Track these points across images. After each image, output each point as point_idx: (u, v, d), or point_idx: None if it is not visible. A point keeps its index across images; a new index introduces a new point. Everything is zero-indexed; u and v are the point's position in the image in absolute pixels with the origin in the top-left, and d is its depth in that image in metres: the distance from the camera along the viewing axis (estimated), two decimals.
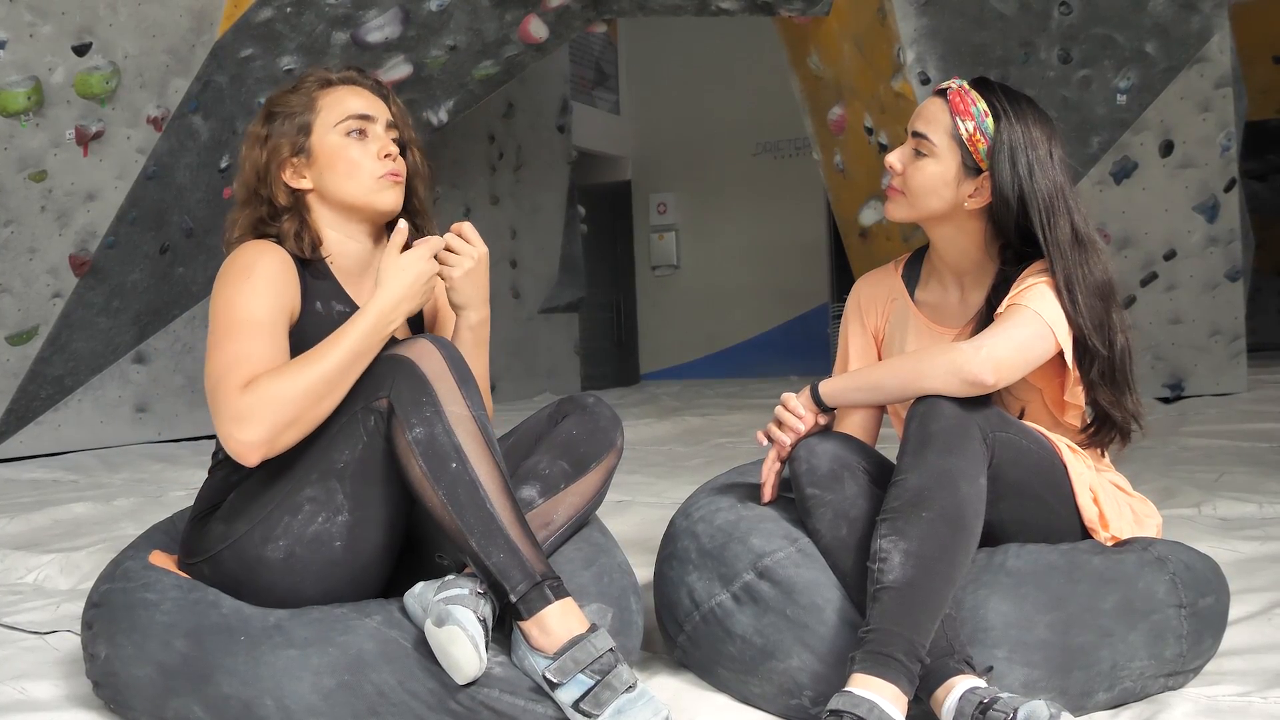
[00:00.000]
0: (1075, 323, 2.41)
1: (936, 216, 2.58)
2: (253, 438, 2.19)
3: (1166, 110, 8.40)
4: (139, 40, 7.30)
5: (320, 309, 2.46)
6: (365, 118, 2.52)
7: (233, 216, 2.56)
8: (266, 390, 2.20)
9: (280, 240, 2.47)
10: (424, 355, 2.22)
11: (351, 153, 2.49)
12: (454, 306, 2.50)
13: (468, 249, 2.44)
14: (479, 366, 2.49)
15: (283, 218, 2.49)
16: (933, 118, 2.55)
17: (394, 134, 2.56)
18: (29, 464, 7.22)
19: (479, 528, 2.11)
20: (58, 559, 3.99)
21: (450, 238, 2.44)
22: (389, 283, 2.31)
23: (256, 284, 2.34)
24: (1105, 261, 2.49)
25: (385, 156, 2.51)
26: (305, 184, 2.51)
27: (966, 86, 2.54)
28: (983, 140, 2.48)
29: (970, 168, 2.51)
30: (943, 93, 2.57)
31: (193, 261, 8.08)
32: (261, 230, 2.50)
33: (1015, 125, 2.49)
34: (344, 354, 2.24)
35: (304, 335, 2.40)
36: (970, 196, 2.52)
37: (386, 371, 2.21)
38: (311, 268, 2.49)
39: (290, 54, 7.84)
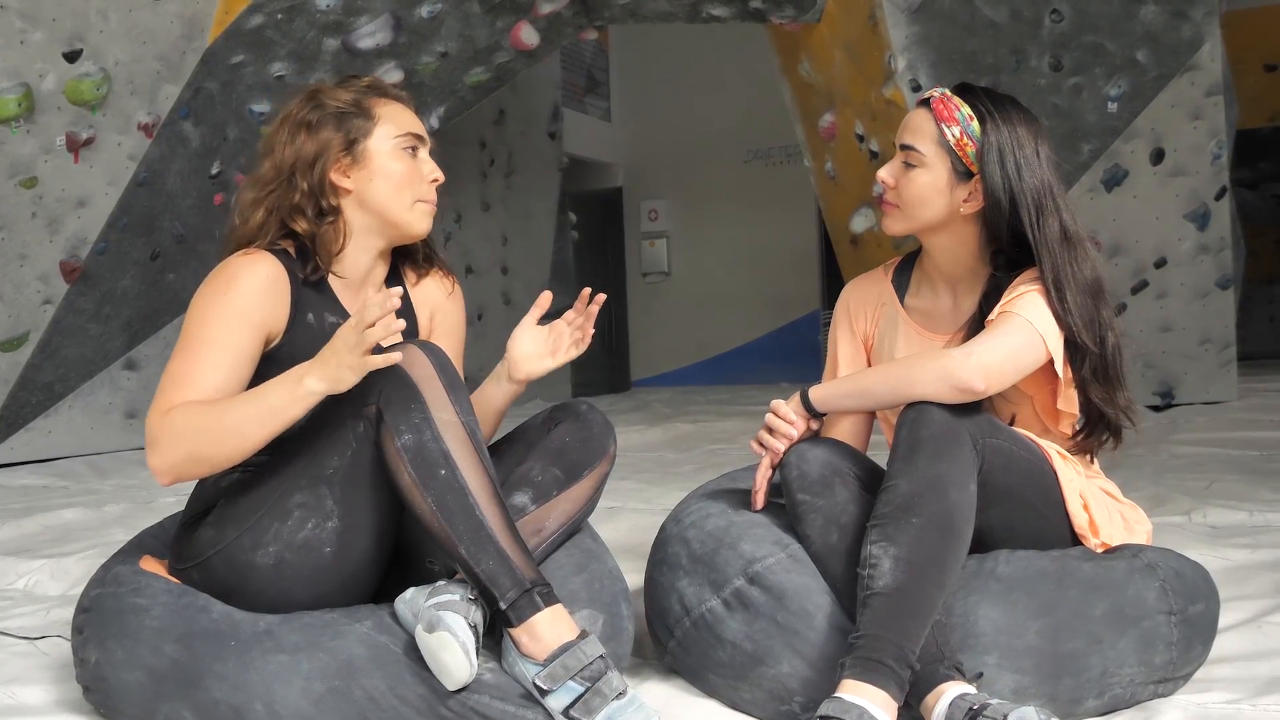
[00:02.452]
0: (1065, 321, 2.41)
1: (933, 226, 2.58)
2: (156, 464, 2.25)
3: (1157, 118, 8.41)
4: (130, 47, 7.29)
5: (312, 321, 2.45)
6: (420, 138, 2.55)
7: (251, 197, 2.51)
8: (175, 422, 2.22)
9: (310, 243, 2.46)
10: (413, 361, 2.22)
11: (405, 168, 2.50)
12: (516, 375, 2.58)
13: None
14: (494, 429, 2.61)
15: (326, 218, 2.47)
16: (919, 128, 2.56)
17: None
18: (19, 470, 7.21)
19: (468, 534, 2.11)
20: (48, 565, 3.98)
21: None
22: (325, 359, 2.17)
23: (233, 302, 2.34)
24: (1094, 260, 2.50)
25: (433, 182, 2.53)
26: (348, 184, 2.49)
27: (949, 93, 2.55)
28: (970, 144, 2.49)
29: (961, 172, 2.52)
30: (925, 102, 2.58)
31: (183, 268, 8.07)
32: (288, 217, 2.47)
33: (1001, 126, 2.50)
34: (249, 407, 2.21)
35: (293, 347, 2.40)
36: (964, 202, 2.52)
37: (375, 378, 2.20)
38: (314, 277, 2.48)
39: (281, 60, 7.84)
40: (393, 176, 2.49)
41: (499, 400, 2.62)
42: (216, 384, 2.28)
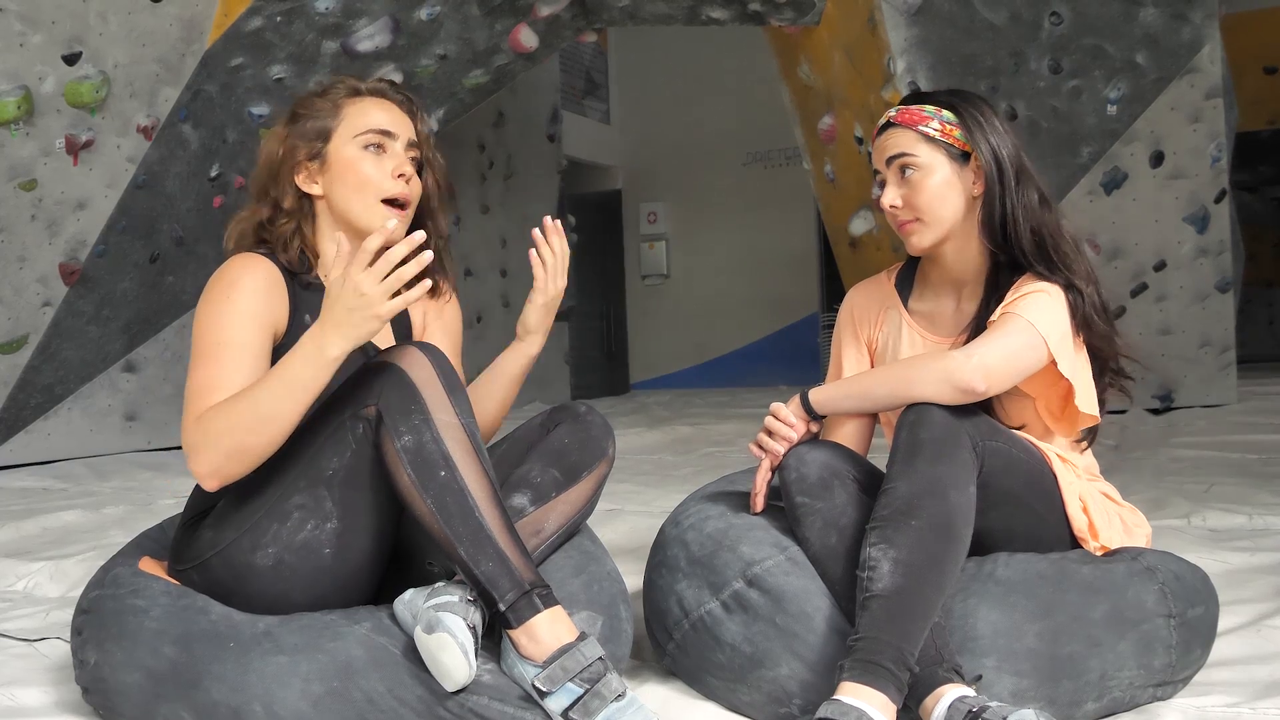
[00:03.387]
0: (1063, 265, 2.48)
1: (956, 225, 2.57)
2: (201, 470, 2.21)
3: (1157, 121, 8.42)
4: (129, 49, 7.30)
5: (309, 321, 2.43)
6: (386, 133, 2.49)
7: (238, 214, 2.54)
8: (209, 424, 2.20)
9: (272, 246, 2.46)
10: (413, 363, 2.22)
11: (365, 166, 2.47)
12: (521, 331, 2.52)
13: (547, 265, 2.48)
14: (510, 398, 2.52)
15: (280, 220, 2.47)
16: (899, 141, 2.59)
17: (414, 153, 2.54)
18: (19, 472, 7.21)
19: (467, 536, 2.11)
20: (47, 566, 3.98)
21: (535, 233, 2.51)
22: (338, 319, 2.12)
23: (238, 303, 2.34)
24: (1074, 233, 2.56)
25: (399, 176, 2.48)
26: (316, 190, 2.50)
27: (900, 108, 2.60)
28: (953, 127, 2.52)
29: (958, 156, 2.53)
30: (887, 124, 2.61)
31: (183, 270, 8.08)
32: (261, 233, 2.49)
33: (961, 107, 2.57)
34: (277, 387, 2.17)
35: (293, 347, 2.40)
36: (974, 185, 2.54)
37: (375, 379, 2.21)
38: (302, 279, 2.48)
39: (280, 63, 7.84)
40: (352, 177, 2.47)
41: (512, 366, 2.68)
42: (242, 383, 2.26)
